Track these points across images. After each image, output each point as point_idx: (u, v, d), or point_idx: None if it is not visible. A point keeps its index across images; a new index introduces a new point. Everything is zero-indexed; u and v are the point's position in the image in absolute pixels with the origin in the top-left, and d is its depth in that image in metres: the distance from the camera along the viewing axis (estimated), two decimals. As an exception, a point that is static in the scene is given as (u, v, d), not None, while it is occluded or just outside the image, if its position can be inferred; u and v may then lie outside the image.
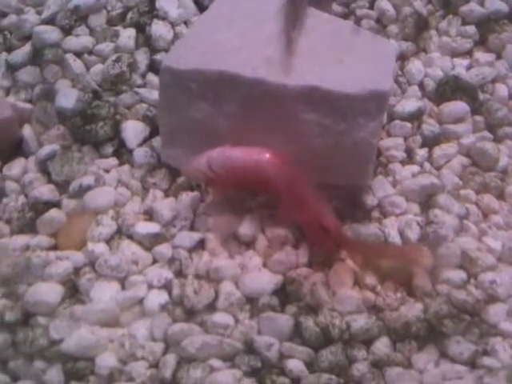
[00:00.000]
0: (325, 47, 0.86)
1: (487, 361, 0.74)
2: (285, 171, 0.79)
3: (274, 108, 0.82)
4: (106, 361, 0.73)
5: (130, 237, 0.82)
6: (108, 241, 0.82)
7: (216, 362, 0.73)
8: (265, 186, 0.79)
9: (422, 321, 0.75)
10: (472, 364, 0.74)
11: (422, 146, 0.91)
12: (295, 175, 0.78)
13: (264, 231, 0.82)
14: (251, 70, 0.81)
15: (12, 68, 1.00)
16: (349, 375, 0.73)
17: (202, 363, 0.72)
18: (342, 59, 0.85)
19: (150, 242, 0.81)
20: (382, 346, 0.75)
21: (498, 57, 1.01)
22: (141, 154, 0.90)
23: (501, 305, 0.77)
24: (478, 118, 0.94)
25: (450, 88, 0.96)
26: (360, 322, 0.75)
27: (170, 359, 0.73)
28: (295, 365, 0.73)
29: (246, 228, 0.81)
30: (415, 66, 0.99)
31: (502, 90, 0.97)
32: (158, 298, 0.76)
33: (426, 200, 0.86)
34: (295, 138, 0.83)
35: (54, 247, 0.82)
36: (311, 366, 0.74)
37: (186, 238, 0.81)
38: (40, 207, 0.85)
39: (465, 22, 1.04)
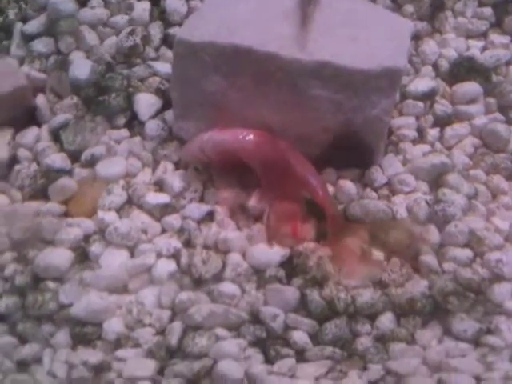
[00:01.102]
0: (339, 23, 0.86)
1: (491, 339, 0.74)
2: (273, 150, 0.80)
3: (286, 83, 0.82)
4: (114, 326, 0.74)
5: (140, 207, 0.83)
6: (118, 210, 0.83)
7: (222, 331, 0.73)
8: (255, 166, 0.81)
9: (427, 297, 0.76)
10: (476, 342, 0.75)
11: (434, 125, 0.91)
12: (284, 152, 0.80)
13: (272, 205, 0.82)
14: (265, 44, 0.82)
15: (27, 38, 1.00)
16: (352, 349, 0.74)
17: (208, 332, 0.73)
18: (357, 36, 0.85)
19: (159, 212, 0.82)
20: (386, 320, 0.75)
21: (514, 39, 1.00)
22: (152, 127, 0.91)
23: (506, 284, 0.77)
24: (491, 99, 0.94)
25: (463, 69, 0.96)
26: (365, 296, 0.75)
27: (177, 327, 0.74)
28: (299, 336, 0.74)
29: (254, 201, 0.82)
30: (430, 46, 0.99)
31: (516, 72, 0.96)
32: (166, 266, 0.77)
33: (436, 179, 0.86)
34: (307, 114, 0.83)
35: (65, 214, 0.83)
36: (315, 338, 0.74)
37: (195, 209, 0.82)
38: (52, 175, 0.86)
39: (481, 4, 1.03)
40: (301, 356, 0.74)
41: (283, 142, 0.82)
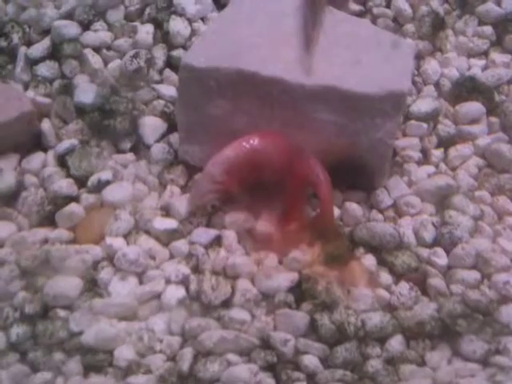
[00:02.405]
0: (343, 47, 0.87)
1: (500, 359, 0.75)
2: (277, 144, 0.81)
3: (291, 106, 0.83)
4: (125, 353, 0.74)
5: (148, 232, 0.83)
6: (126, 235, 0.83)
7: (233, 357, 0.74)
8: (268, 170, 0.81)
9: (436, 320, 0.76)
10: (484, 362, 0.75)
11: (438, 146, 0.92)
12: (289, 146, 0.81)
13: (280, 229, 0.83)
14: (270, 68, 0.82)
15: (31, 62, 1.01)
16: (363, 371, 0.74)
17: (219, 357, 0.74)
18: (360, 59, 0.86)
19: (167, 238, 0.82)
20: (396, 343, 0.76)
21: (515, 58, 1.01)
22: (158, 150, 0.91)
23: (514, 305, 0.77)
24: (494, 119, 0.95)
25: (465, 89, 0.97)
26: (375, 319, 0.76)
27: (188, 353, 0.74)
28: (310, 360, 0.74)
29: (262, 225, 0.82)
30: (431, 66, 1.00)
31: (517, 91, 0.97)
32: (175, 292, 0.77)
33: (441, 201, 0.86)
34: (312, 137, 0.84)
35: (73, 241, 0.83)
36: (326, 361, 0.75)
37: (203, 234, 0.82)
38: (59, 201, 0.86)
39: (481, 22, 1.05)
40: (312, 380, 0.74)
41: (285, 138, 0.82)
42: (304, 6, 0.91)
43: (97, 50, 1.02)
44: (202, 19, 1.06)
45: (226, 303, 0.77)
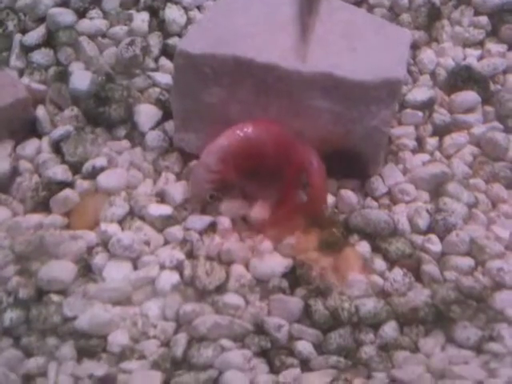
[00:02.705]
0: (339, 34, 0.87)
1: (493, 346, 0.75)
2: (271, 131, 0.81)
3: (287, 94, 0.83)
4: (118, 338, 0.74)
5: (142, 218, 0.83)
6: (120, 221, 0.83)
7: (226, 342, 0.74)
8: (263, 157, 0.81)
9: (430, 306, 0.76)
10: (478, 349, 0.75)
11: (433, 134, 0.92)
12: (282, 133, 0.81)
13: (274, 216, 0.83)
14: (265, 55, 0.82)
15: (26, 49, 1.01)
16: (356, 358, 0.74)
17: (213, 343, 0.73)
18: (356, 47, 0.86)
19: (161, 224, 0.82)
20: (389, 329, 0.76)
21: (510, 48, 1.02)
22: (153, 138, 0.91)
23: (507, 292, 0.78)
24: (489, 108, 0.95)
25: (461, 78, 0.97)
26: (368, 305, 0.76)
27: (181, 338, 0.74)
28: (304, 346, 0.74)
29: (256, 212, 0.82)
30: (427, 55, 1.00)
31: (513, 80, 0.97)
32: (169, 278, 0.77)
33: (436, 188, 0.86)
34: (308, 125, 0.84)
35: (67, 226, 0.83)
36: (319, 347, 0.75)
37: (198, 220, 0.82)
38: (53, 187, 0.86)
39: (477, 13, 1.05)
40: (305, 365, 0.74)
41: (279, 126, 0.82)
42: (300, -6, 0.91)
43: (92, 37, 1.01)
44: (198, 7, 1.06)
45: (220, 288, 0.77)
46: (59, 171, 0.87)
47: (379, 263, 0.80)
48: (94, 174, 0.87)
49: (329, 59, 0.83)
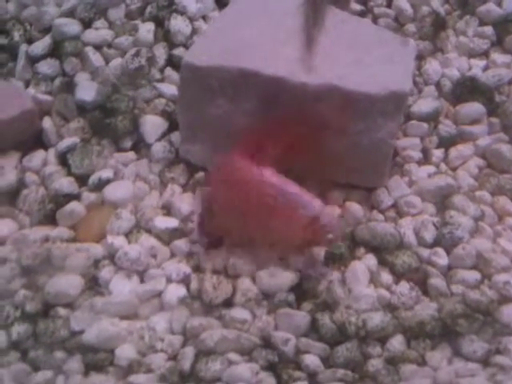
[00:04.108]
0: (344, 46, 0.87)
1: (500, 359, 0.75)
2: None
3: (293, 106, 0.83)
4: (126, 352, 0.74)
5: (149, 231, 0.83)
6: (127, 234, 0.83)
7: (234, 356, 0.74)
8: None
9: (437, 320, 0.76)
10: (485, 362, 0.75)
11: (439, 146, 0.92)
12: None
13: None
14: (271, 67, 0.82)
15: (32, 60, 1.01)
16: (364, 371, 0.74)
17: (221, 356, 0.74)
18: (362, 58, 0.86)
19: (168, 237, 0.82)
20: (396, 343, 0.76)
21: (515, 58, 1.02)
22: (159, 149, 0.91)
23: (514, 305, 0.78)
24: (494, 119, 0.95)
25: (466, 89, 0.96)
26: (376, 319, 0.76)
27: (189, 352, 0.74)
28: (311, 360, 0.74)
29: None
30: (432, 66, 1.00)
31: (518, 91, 0.97)
32: (176, 291, 0.77)
33: (442, 201, 0.86)
34: (314, 137, 0.84)
35: (74, 239, 0.83)
36: (327, 361, 0.75)
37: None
38: (60, 199, 0.86)
39: (482, 23, 1.04)
40: (313, 379, 0.74)
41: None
42: (305, 5, 0.91)
43: (98, 48, 1.01)
44: (203, 18, 1.06)
45: (227, 302, 0.77)
46: (65, 183, 0.87)
47: (386, 277, 0.80)
48: (100, 186, 0.87)
49: (334, 71, 0.83)
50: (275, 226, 0.76)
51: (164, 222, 0.83)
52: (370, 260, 0.81)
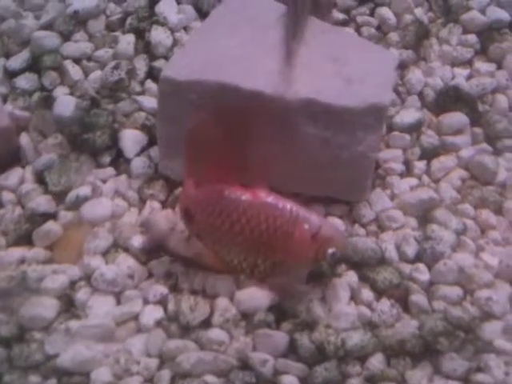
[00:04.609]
0: (324, 58, 0.86)
1: (481, 377, 0.74)
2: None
3: (273, 120, 0.81)
4: (102, 376, 0.73)
5: (126, 250, 0.82)
6: (104, 254, 0.82)
7: (211, 378, 0.72)
8: None
9: (417, 337, 0.75)
10: (465, 380, 0.74)
11: (421, 158, 0.91)
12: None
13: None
14: (250, 81, 0.81)
15: (10, 74, 1.00)
16: (342, 390, 0.73)
17: (197, 379, 0.72)
18: (341, 71, 0.85)
19: (146, 256, 0.81)
20: (376, 361, 0.74)
21: (499, 67, 1.00)
22: (138, 165, 0.90)
23: (496, 322, 0.76)
24: (477, 129, 0.94)
25: (449, 98, 0.95)
26: (355, 338, 0.75)
27: (165, 375, 0.73)
28: (289, 381, 0.73)
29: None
30: (415, 75, 0.99)
31: (502, 101, 0.96)
32: (153, 313, 0.76)
33: (424, 214, 0.85)
34: (294, 151, 0.83)
35: (50, 260, 0.82)
36: (305, 381, 0.74)
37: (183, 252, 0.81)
38: (36, 219, 0.84)
39: (466, 31, 1.03)
40: (291, 400, 0.73)
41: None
42: (286, 17, 0.90)
43: (77, 61, 1.00)
44: (185, 29, 1.05)
45: (205, 323, 0.75)
46: (42, 202, 0.86)
47: (367, 294, 0.78)
48: (77, 204, 0.86)
49: (314, 84, 0.82)
50: (277, 247, 0.74)
51: (142, 241, 0.82)
52: (352, 277, 0.80)
